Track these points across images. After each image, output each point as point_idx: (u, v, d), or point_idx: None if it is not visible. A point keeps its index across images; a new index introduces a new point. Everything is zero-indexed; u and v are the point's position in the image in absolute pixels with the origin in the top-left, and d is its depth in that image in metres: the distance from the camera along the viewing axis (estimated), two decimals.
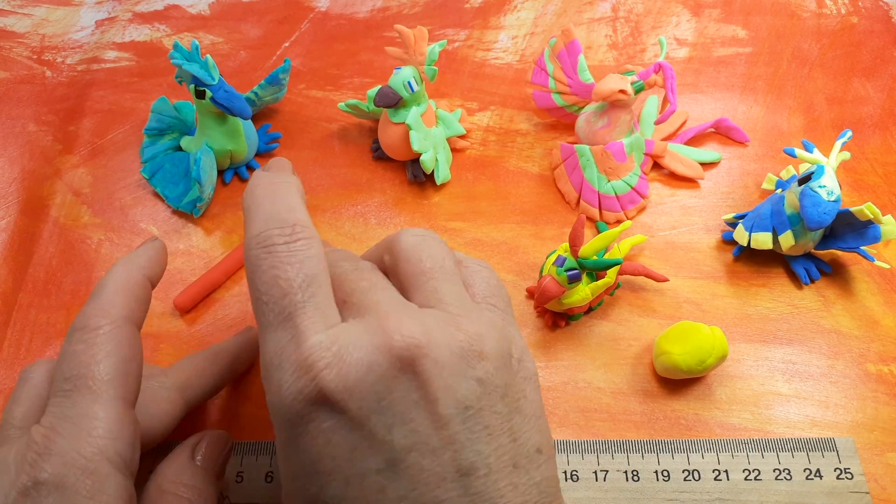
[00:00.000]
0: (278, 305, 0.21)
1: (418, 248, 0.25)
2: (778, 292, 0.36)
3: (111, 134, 0.44)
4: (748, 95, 0.45)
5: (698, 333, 0.31)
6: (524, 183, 0.41)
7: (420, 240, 0.25)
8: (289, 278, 0.21)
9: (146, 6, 0.52)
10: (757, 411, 0.32)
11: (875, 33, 0.49)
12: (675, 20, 0.50)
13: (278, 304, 0.21)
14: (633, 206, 0.39)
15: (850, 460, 0.30)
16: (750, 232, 0.36)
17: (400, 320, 0.21)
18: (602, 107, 0.38)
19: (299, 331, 0.21)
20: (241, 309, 0.36)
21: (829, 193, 0.33)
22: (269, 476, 0.30)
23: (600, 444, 0.31)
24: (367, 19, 0.51)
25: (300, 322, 0.21)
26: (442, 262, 0.25)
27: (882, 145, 0.42)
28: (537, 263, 0.37)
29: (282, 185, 0.24)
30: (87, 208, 0.41)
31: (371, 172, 0.42)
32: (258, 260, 0.22)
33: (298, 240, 0.22)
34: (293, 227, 0.22)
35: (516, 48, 0.49)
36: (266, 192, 0.24)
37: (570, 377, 0.34)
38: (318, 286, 0.22)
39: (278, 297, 0.21)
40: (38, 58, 0.49)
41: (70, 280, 0.38)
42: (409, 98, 0.38)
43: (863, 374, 0.33)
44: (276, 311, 0.21)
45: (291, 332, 0.21)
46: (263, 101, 0.43)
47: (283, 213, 0.23)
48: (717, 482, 0.30)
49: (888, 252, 0.37)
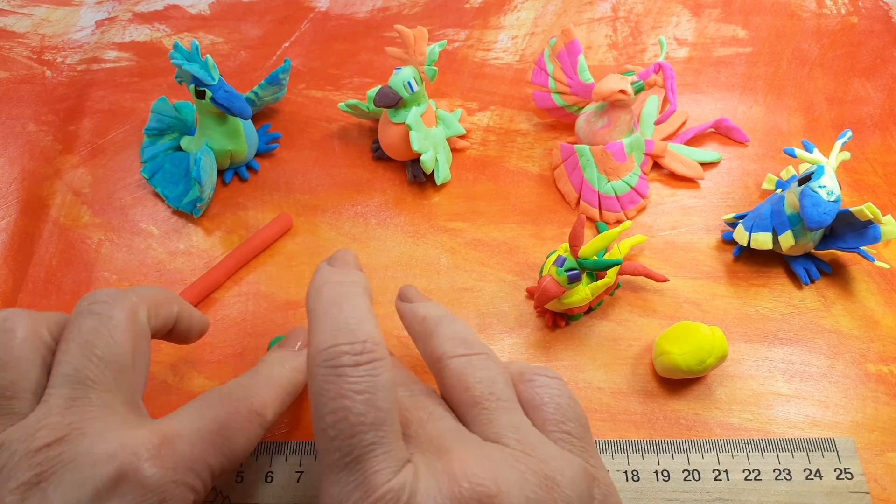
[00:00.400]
0: (346, 444, 0.20)
1: (464, 373, 0.24)
2: (778, 292, 0.36)
3: (111, 134, 0.44)
4: (748, 95, 0.45)
5: (698, 333, 0.31)
6: (524, 183, 0.41)
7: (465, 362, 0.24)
8: (359, 413, 0.20)
9: (146, 6, 0.52)
10: (757, 411, 0.32)
11: (875, 33, 0.49)
12: (675, 20, 0.50)
13: (346, 444, 0.20)
14: (633, 206, 0.39)
15: (850, 460, 0.30)
16: (750, 232, 0.36)
17: (466, 463, 0.20)
18: (602, 107, 0.38)
19: (367, 477, 0.19)
20: (241, 309, 0.36)
21: (829, 193, 0.33)
22: (269, 476, 0.30)
23: (600, 444, 0.31)
24: (367, 19, 0.51)
25: (369, 467, 0.20)
26: (491, 388, 0.23)
27: (882, 145, 0.42)
28: (537, 263, 0.37)
29: (350, 290, 0.23)
30: (87, 208, 0.41)
31: (371, 172, 0.42)
32: (325, 382, 0.20)
33: (370, 361, 0.21)
34: (364, 344, 0.21)
35: (516, 48, 0.49)
36: (333, 297, 0.22)
37: (570, 377, 0.34)
38: (389, 425, 0.20)
39: (347, 436, 0.20)
40: (38, 58, 0.49)
41: (70, 280, 0.38)
42: (409, 98, 0.38)
43: (863, 374, 0.33)
44: (343, 451, 0.20)
45: (360, 477, 0.20)
46: (263, 101, 0.43)
47: (351, 325, 0.21)
48: (717, 482, 0.30)
49: (888, 252, 0.37)
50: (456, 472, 0.20)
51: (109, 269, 0.38)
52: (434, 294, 0.36)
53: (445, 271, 0.37)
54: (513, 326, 0.35)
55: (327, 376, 0.20)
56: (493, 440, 0.22)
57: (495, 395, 0.23)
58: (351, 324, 0.21)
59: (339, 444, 0.20)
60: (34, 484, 0.20)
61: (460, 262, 0.38)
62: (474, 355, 0.24)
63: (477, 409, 0.23)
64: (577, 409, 0.24)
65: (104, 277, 0.38)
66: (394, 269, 0.38)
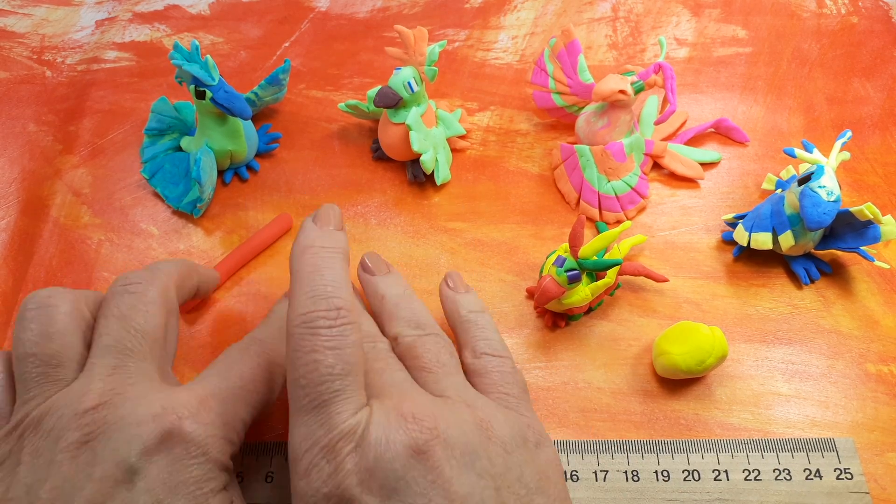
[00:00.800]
0: (315, 391, 0.22)
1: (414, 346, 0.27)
2: (778, 292, 0.36)
3: (111, 134, 0.44)
4: (748, 95, 0.45)
5: (698, 334, 0.31)
6: (524, 183, 0.41)
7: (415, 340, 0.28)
8: (329, 365, 0.23)
9: (146, 6, 0.52)
10: (757, 411, 0.32)
11: (875, 33, 0.49)
12: (675, 20, 0.50)
13: (315, 390, 0.22)
14: (632, 207, 0.39)
15: (850, 460, 0.30)
16: (750, 232, 0.36)
17: (413, 404, 0.23)
18: (602, 107, 0.38)
19: (331, 417, 0.22)
20: (241, 309, 0.36)
21: (829, 193, 0.33)
22: (270, 476, 0.30)
23: (600, 444, 0.31)
24: (367, 19, 0.51)
25: (333, 410, 0.22)
26: (438, 357, 0.27)
27: (882, 145, 0.42)
28: (537, 263, 0.37)
29: (330, 256, 0.25)
30: (87, 208, 0.41)
31: (371, 172, 0.42)
32: (301, 339, 0.23)
33: (343, 324, 0.23)
34: (338, 311, 0.23)
35: (516, 48, 0.49)
36: (315, 263, 0.25)
37: (570, 377, 0.34)
38: (354, 375, 0.23)
39: (316, 384, 0.22)
40: (38, 58, 0.49)
41: (70, 280, 0.38)
42: (409, 98, 0.38)
43: (863, 374, 0.33)
44: (311, 397, 0.22)
45: (325, 417, 0.22)
46: (263, 102, 0.43)
47: (329, 292, 0.24)
48: (717, 482, 0.30)
49: (888, 252, 0.37)
50: (404, 411, 0.23)
51: (109, 270, 0.38)
52: (434, 294, 0.36)
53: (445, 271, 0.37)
54: (513, 326, 0.35)
55: (304, 335, 0.23)
56: (438, 395, 0.25)
57: (441, 363, 0.27)
58: (329, 291, 0.24)
59: (308, 391, 0.22)
60: (83, 443, 0.22)
61: (460, 263, 0.38)
62: (426, 336, 0.28)
63: (425, 373, 0.26)
64: (516, 377, 0.28)
65: (104, 277, 0.38)
66: None
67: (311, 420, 0.22)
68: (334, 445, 0.22)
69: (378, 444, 0.22)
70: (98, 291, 0.28)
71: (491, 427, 0.24)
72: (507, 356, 0.28)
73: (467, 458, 0.22)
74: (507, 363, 0.28)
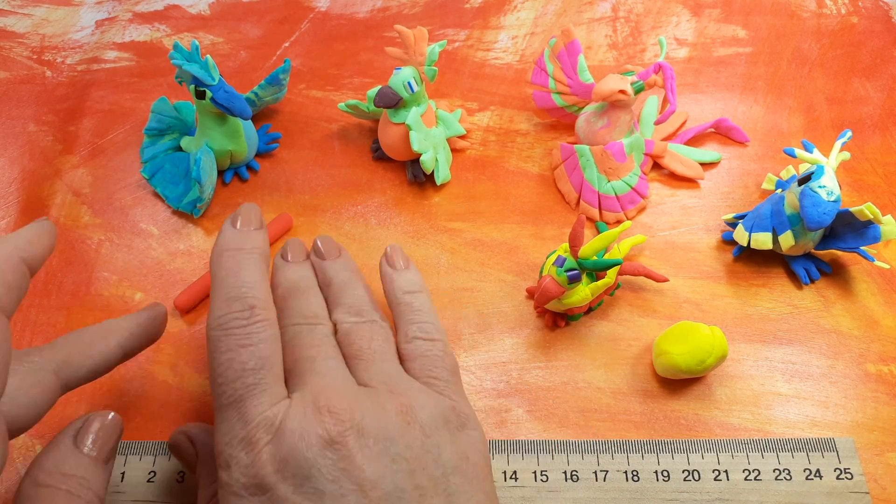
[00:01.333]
0: (231, 387, 0.23)
1: (350, 332, 0.28)
2: (778, 292, 0.36)
3: (111, 134, 0.44)
4: (748, 95, 0.45)
5: (698, 333, 0.31)
6: (524, 183, 0.41)
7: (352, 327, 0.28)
8: (242, 362, 0.24)
9: (146, 6, 0.52)
10: (757, 411, 0.32)
11: (875, 33, 0.49)
12: (675, 20, 0.50)
13: (231, 387, 0.23)
14: (633, 207, 0.39)
15: (850, 460, 0.30)
16: (750, 232, 0.36)
17: (331, 397, 0.24)
18: (602, 107, 0.38)
19: (248, 410, 0.23)
20: None
21: (829, 193, 0.33)
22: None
23: (600, 444, 0.31)
24: (367, 19, 0.51)
25: (250, 404, 0.23)
26: (370, 344, 0.27)
27: (882, 145, 0.42)
28: (537, 263, 0.37)
29: (247, 258, 0.26)
30: (87, 208, 0.41)
31: (371, 172, 0.42)
32: (217, 341, 0.24)
33: (256, 322, 0.24)
34: (252, 310, 0.25)
35: (516, 48, 0.49)
36: (231, 266, 0.26)
37: (569, 377, 0.34)
38: (268, 368, 0.24)
39: (232, 380, 0.23)
40: (38, 58, 0.49)
41: (70, 280, 0.38)
42: (409, 98, 0.38)
43: (863, 374, 0.33)
44: (228, 393, 0.23)
45: (242, 411, 0.23)
46: (263, 102, 0.43)
47: (243, 293, 0.25)
48: (717, 482, 0.30)
49: (888, 252, 0.37)
50: (321, 404, 0.23)
51: (109, 270, 0.38)
52: (434, 294, 0.36)
53: (445, 271, 0.37)
54: (513, 326, 0.35)
55: (219, 337, 0.24)
56: (364, 384, 0.26)
57: (372, 350, 0.27)
58: (243, 291, 0.25)
59: (225, 388, 0.23)
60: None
61: (460, 262, 0.38)
62: (362, 323, 0.28)
63: (356, 361, 0.27)
64: (445, 361, 0.28)
65: (104, 277, 0.38)
66: None
67: (231, 415, 0.23)
68: (251, 437, 0.23)
69: (293, 434, 0.22)
70: None
71: (412, 412, 0.24)
72: (438, 339, 0.28)
73: (382, 444, 0.23)
74: (438, 346, 0.28)
